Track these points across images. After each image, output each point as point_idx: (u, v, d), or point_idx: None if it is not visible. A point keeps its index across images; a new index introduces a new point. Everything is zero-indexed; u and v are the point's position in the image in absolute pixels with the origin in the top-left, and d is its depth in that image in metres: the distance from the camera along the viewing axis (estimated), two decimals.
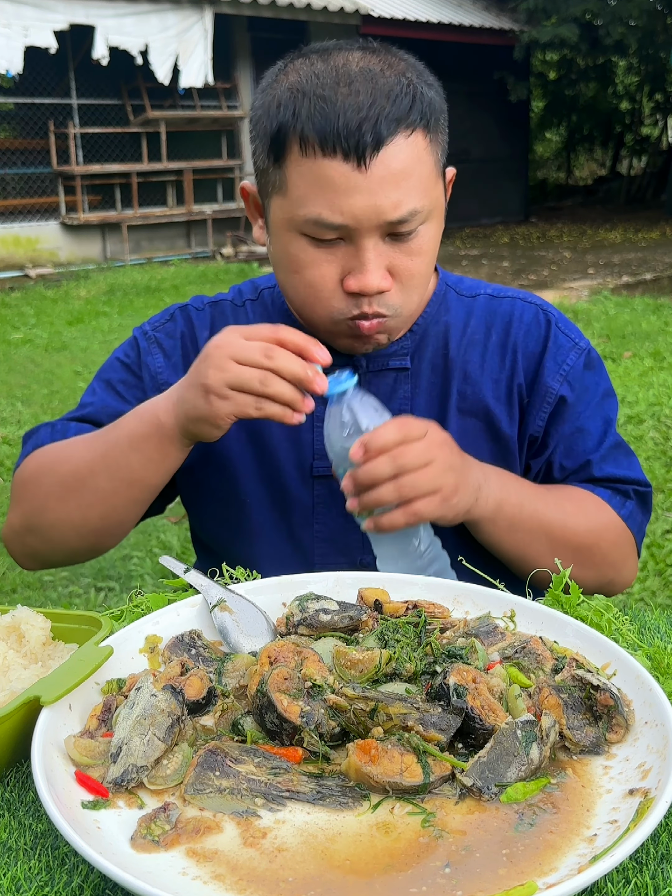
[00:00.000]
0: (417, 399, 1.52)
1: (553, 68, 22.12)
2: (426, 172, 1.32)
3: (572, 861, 0.77)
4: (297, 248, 1.34)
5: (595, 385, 1.58)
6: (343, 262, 1.33)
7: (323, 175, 1.27)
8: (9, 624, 1.08)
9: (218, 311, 1.61)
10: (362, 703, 0.90)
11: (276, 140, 1.30)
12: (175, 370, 1.56)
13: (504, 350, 1.54)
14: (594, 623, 1.13)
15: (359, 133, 1.24)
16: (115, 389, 1.59)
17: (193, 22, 13.53)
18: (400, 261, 1.34)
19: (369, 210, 1.27)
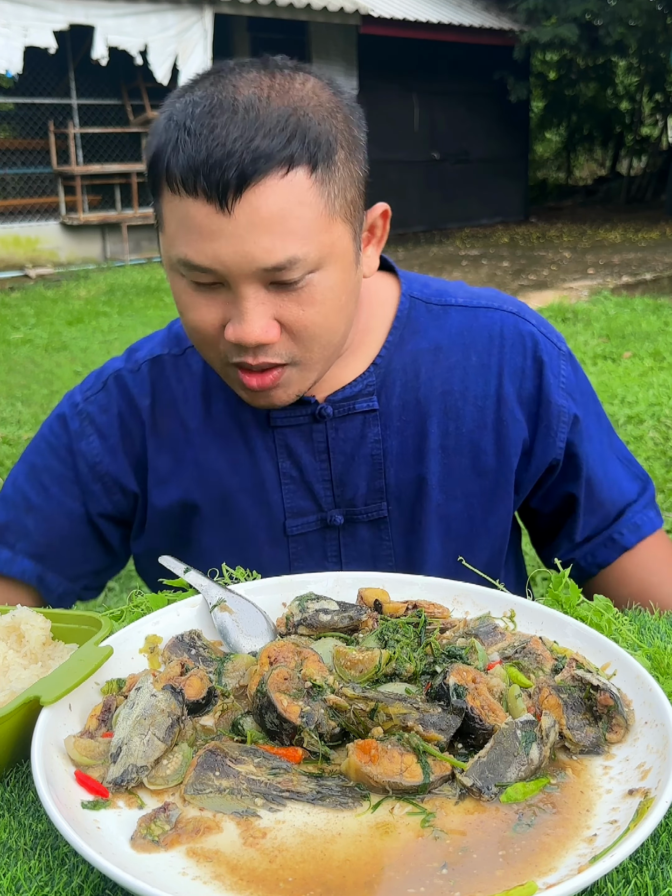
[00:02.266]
0: (389, 441, 1.40)
1: (553, 68, 22.12)
2: (311, 216, 1.15)
3: (572, 861, 0.77)
4: (180, 288, 1.23)
5: (588, 391, 1.51)
6: (224, 308, 1.20)
7: (188, 215, 1.14)
8: (9, 624, 1.08)
9: (156, 369, 1.46)
10: (362, 703, 0.90)
11: (151, 172, 1.20)
12: (113, 454, 1.43)
13: (487, 371, 1.41)
14: (594, 623, 1.13)
15: (219, 171, 1.10)
16: (40, 480, 1.45)
17: (193, 22, 13.52)
18: (289, 311, 1.19)
19: (237, 257, 1.13)
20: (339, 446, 1.40)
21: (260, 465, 1.40)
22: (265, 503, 1.41)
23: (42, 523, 1.45)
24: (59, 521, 1.45)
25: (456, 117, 17.91)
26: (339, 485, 1.41)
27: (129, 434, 1.44)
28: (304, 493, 1.41)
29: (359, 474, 1.40)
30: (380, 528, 1.42)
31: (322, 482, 1.40)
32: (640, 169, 22.48)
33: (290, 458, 1.40)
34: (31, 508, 1.45)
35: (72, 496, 1.45)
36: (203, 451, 1.41)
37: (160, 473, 1.42)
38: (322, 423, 1.39)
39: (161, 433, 1.43)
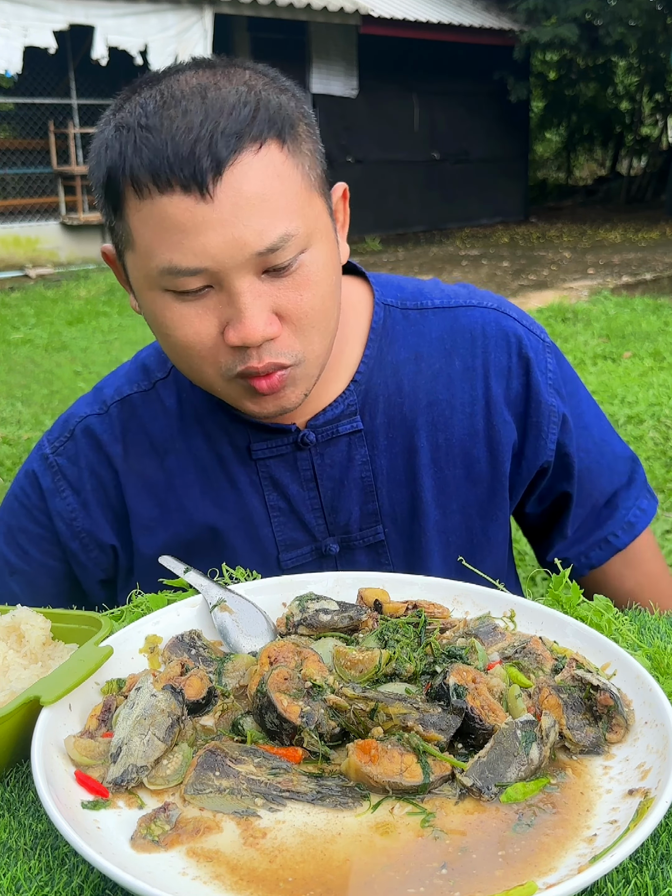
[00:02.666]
0: (378, 461, 1.35)
1: (553, 68, 22.12)
2: (292, 189, 1.11)
3: (572, 861, 0.77)
4: (161, 306, 1.15)
5: (571, 377, 1.46)
6: (218, 312, 1.13)
7: (165, 215, 1.07)
8: (9, 624, 1.08)
9: (127, 411, 1.38)
10: (362, 703, 0.90)
11: (109, 188, 1.12)
12: (87, 510, 1.38)
13: (473, 374, 1.36)
14: (594, 623, 1.13)
15: (193, 158, 1.04)
16: (17, 542, 1.41)
17: (193, 22, 13.53)
18: (286, 299, 1.14)
19: (228, 246, 1.08)
20: (326, 472, 1.34)
21: (246, 500, 1.35)
22: (256, 538, 1.36)
23: (27, 587, 1.42)
24: (42, 581, 1.43)
25: (456, 117, 17.91)
26: (332, 512, 1.36)
27: (102, 485, 1.38)
28: (295, 525, 1.36)
29: (350, 499, 1.35)
30: (378, 551, 1.38)
31: (312, 511, 1.35)
32: (640, 169, 22.49)
33: (276, 490, 1.34)
34: (14, 572, 1.42)
35: (52, 556, 1.41)
36: (186, 493, 1.36)
37: (143, 520, 1.37)
38: (306, 451, 1.33)
39: (139, 478, 1.37)
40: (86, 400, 1.45)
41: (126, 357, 7.73)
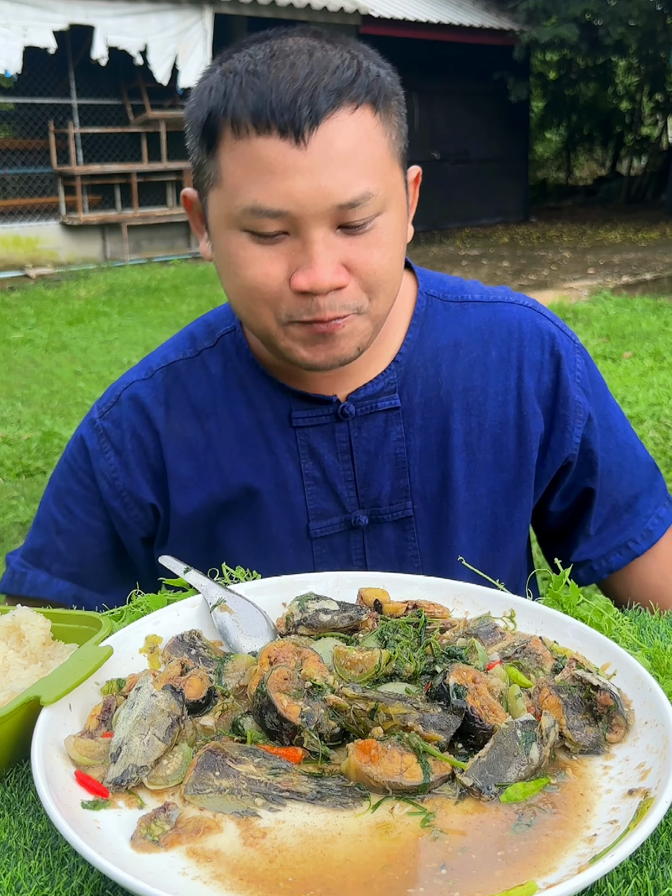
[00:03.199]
0: (413, 439, 1.39)
1: (553, 68, 22.12)
2: (378, 154, 1.18)
3: (572, 861, 0.77)
4: (237, 245, 1.19)
5: (599, 381, 1.50)
6: (289, 258, 1.18)
7: (258, 156, 1.13)
8: (9, 624, 1.08)
9: (171, 376, 1.43)
10: (362, 703, 0.90)
11: (207, 127, 1.18)
12: (127, 470, 1.42)
13: (507, 365, 1.41)
14: (594, 623, 1.13)
15: (294, 106, 1.11)
16: (65, 503, 1.47)
17: (193, 22, 13.53)
18: (357, 254, 1.19)
19: (313, 193, 1.13)
20: (362, 445, 1.38)
21: (282, 467, 1.39)
22: (288, 505, 1.39)
23: (72, 545, 1.47)
24: (86, 541, 1.47)
25: (456, 117, 17.91)
26: (363, 484, 1.39)
27: (143, 446, 1.42)
28: (327, 495, 1.39)
29: (383, 473, 1.39)
30: (405, 528, 1.41)
31: (345, 482, 1.39)
32: (640, 169, 22.49)
33: (312, 459, 1.38)
34: (60, 531, 1.47)
35: (95, 516, 1.46)
36: (224, 455, 1.40)
37: (182, 480, 1.41)
38: (344, 423, 1.38)
39: (180, 440, 1.41)
40: (132, 370, 1.50)
41: (126, 357, 7.67)
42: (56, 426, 6.17)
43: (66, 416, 6.46)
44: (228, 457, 1.40)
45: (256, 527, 1.40)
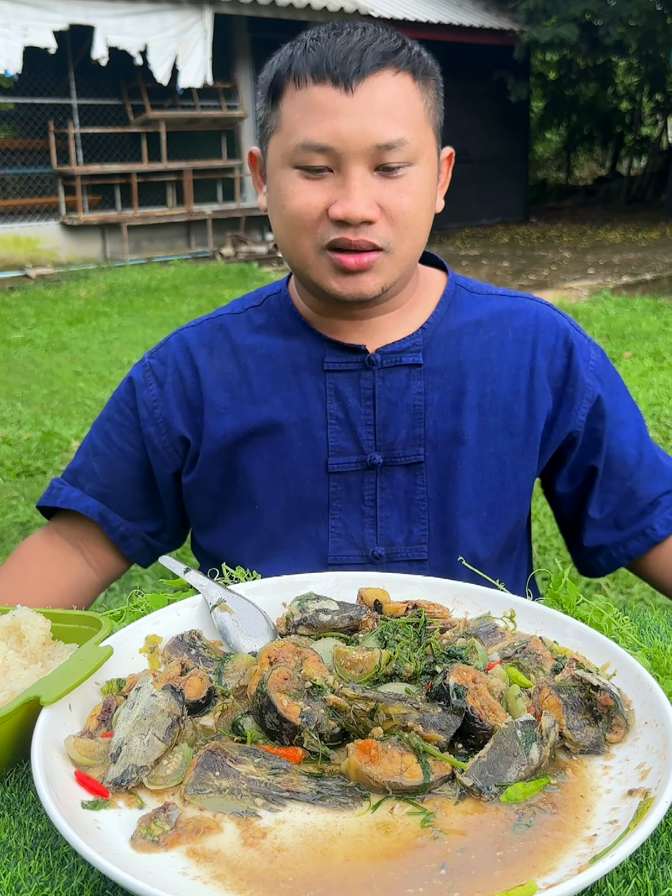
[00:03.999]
0: (431, 395, 1.52)
1: (553, 68, 22.11)
2: (414, 112, 1.37)
3: (572, 861, 0.77)
4: (287, 180, 1.38)
5: (618, 382, 1.61)
6: (330, 192, 1.36)
7: (313, 101, 1.34)
8: (9, 624, 1.08)
9: (217, 324, 1.62)
10: (362, 703, 0.90)
11: (273, 83, 1.39)
12: (166, 400, 1.57)
13: (522, 343, 1.55)
14: (594, 623, 1.13)
15: (346, 62, 1.33)
16: (105, 430, 1.63)
17: (193, 22, 13.52)
18: (389, 196, 1.36)
19: (356, 132, 1.32)
20: (384, 394, 1.51)
21: (310, 405, 1.52)
22: (311, 439, 1.51)
23: (106, 466, 1.62)
24: (119, 465, 1.61)
25: (456, 117, 17.87)
26: (382, 429, 1.51)
27: (182, 380, 1.57)
28: (347, 434, 1.51)
29: (400, 421, 1.51)
30: (415, 472, 1.52)
31: (365, 426, 1.51)
32: (640, 169, 22.49)
33: (337, 401, 1.51)
34: (97, 454, 1.62)
35: (130, 443, 1.60)
36: (259, 388, 1.54)
37: (217, 407, 1.55)
38: (371, 371, 1.51)
39: (218, 373, 1.56)
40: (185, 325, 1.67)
41: (126, 357, 7.64)
42: (56, 426, 6.17)
43: (66, 416, 6.46)
44: (262, 390, 1.54)
45: (280, 457, 1.52)
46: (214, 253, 14.66)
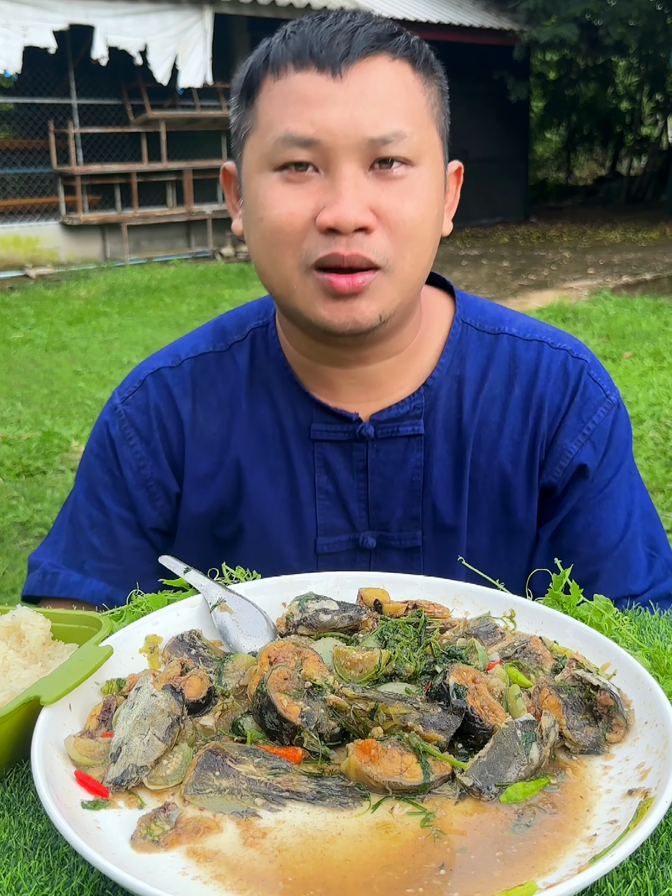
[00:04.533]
0: (431, 469, 1.35)
1: (553, 68, 22.12)
2: (415, 105, 1.17)
3: (572, 861, 0.77)
4: (266, 187, 1.17)
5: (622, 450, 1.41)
6: (317, 196, 1.15)
7: (294, 90, 1.14)
8: (9, 624, 1.08)
9: (199, 367, 1.40)
10: (362, 703, 0.90)
11: (248, 81, 1.20)
12: (155, 458, 1.38)
13: (528, 405, 1.36)
14: (594, 623, 1.13)
15: (333, 43, 1.13)
16: (96, 495, 1.42)
17: (193, 22, 13.52)
18: (387, 200, 1.15)
19: (345, 123, 1.12)
20: (378, 468, 1.35)
21: (297, 477, 1.37)
22: (298, 517, 1.37)
23: (106, 537, 1.42)
24: (119, 532, 1.42)
25: (456, 117, 17.77)
26: (375, 507, 1.37)
27: (167, 435, 1.39)
28: (338, 511, 1.37)
29: (396, 499, 1.36)
30: (412, 557, 1.39)
31: (358, 501, 1.37)
32: (640, 169, 22.49)
33: (327, 473, 1.36)
34: (94, 525, 1.42)
35: (124, 506, 1.42)
36: (245, 455, 1.38)
37: (199, 476, 1.38)
38: (363, 443, 1.35)
39: (203, 435, 1.39)
40: (158, 355, 1.45)
41: (126, 357, 7.67)
42: (56, 426, 6.17)
43: (66, 416, 6.46)
44: (248, 458, 1.37)
45: (265, 535, 1.39)
46: (214, 253, 14.66)
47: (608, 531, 1.39)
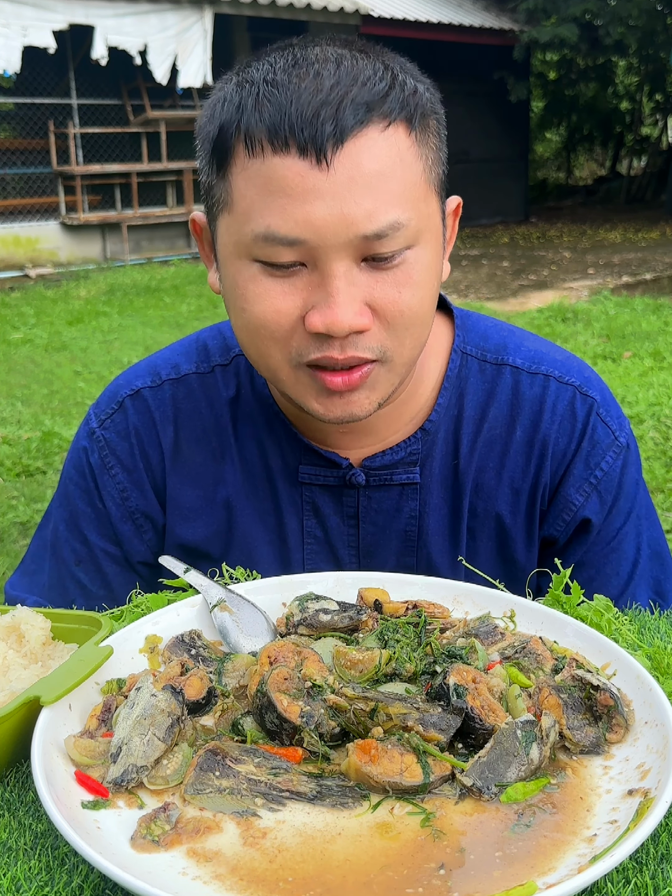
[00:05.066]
0: (427, 518, 1.27)
1: (553, 68, 22.11)
2: (411, 179, 1.04)
3: (572, 861, 0.77)
4: (246, 277, 1.06)
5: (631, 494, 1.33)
6: (305, 294, 1.05)
7: (274, 177, 1.00)
8: (9, 624, 1.08)
9: (182, 391, 1.30)
10: (362, 703, 0.90)
11: (218, 144, 1.05)
12: (140, 489, 1.30)
13: (530, 450, 1.27)
14: (594, 623, 1.13)
15: (317, 121, 0.97)
16: (79, 528, 1.33)
17: (193, 22, 13.52)
18: (383, 292, 1.05)
19: (334, 220, 1.00)
20: (370, 516, 1.29)
21: (285, 520, 1.30)
22: (286, 561, 1.31)
23: (95, 574, 1.35)
24: (107, 568, 1.35)
25: (456, 117, 17.88)
26: (367, 555, 1.31)
27: (150, 464, 1.31)
28: (326, 556, 1.31)
29: (388, 548, 1.30)
30: None
31: (347, 548, 1.31)
32: (640, 169, 22.50)
33: (315, 517, 1.29)
34: (80, 561, 1.35)
35: (109, 539, 1.35)
36: (235, 492, 1.30)
37: (184, 509, 1.31)
38: (354, 489, 1.28)
39: (186, 465, 1.31)
40: (136, 372, 1.35)
41: (126, 357, 7.66)
42: (56, 426, 6.17)
43: (66, 416, 6.46)
44: (239, 495, 1.31)
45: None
46: None
47: (610, 584, 1.34)
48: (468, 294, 10.97)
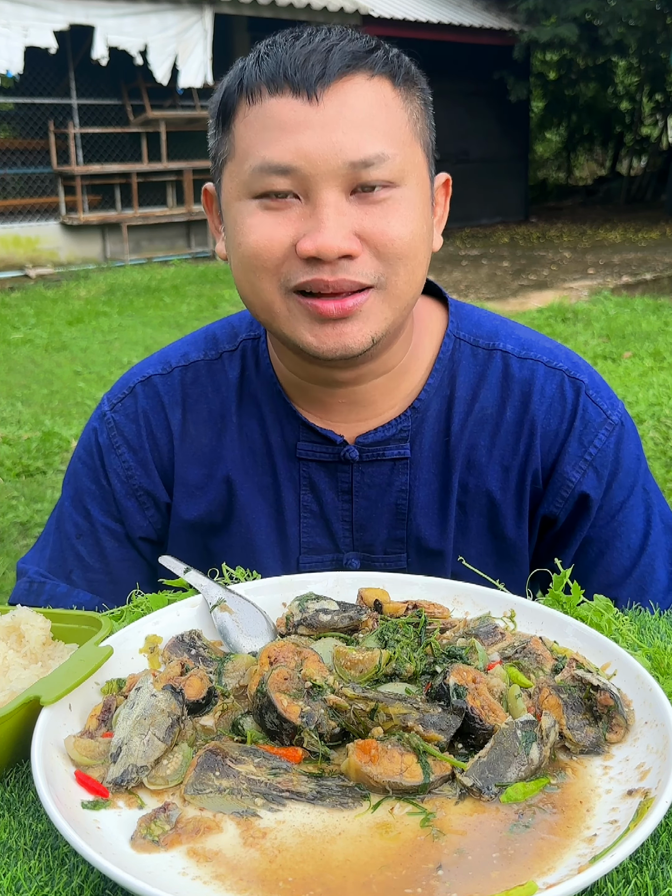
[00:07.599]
0: (417, 492, 1.32)
1: (553, 68, 22.12)
2: (397, 123, 1.13)
3: (572, 861, 0.77)
4: (245, 214, 1.15)
5: (632, 470, 1.36)
6: (298, 224, 1.12)
7: (270, 116, 1.11)
8: (9, 624, 1.08)
9: (190, 376, 1.38)
10: (362, 703, 0.90)
11: (224, 105, 1.17)
12: (145, 468, 1.37)
13: (520, 429, 1.32)
14: (594, 623, 1.13)
15: (307, 65, 1.10)
16: (83, 504, 1.40)
17: (193, 22, 13.52)
18: (371, 223, 1.12)
19: (324, 148, 1.09)
20: (363, 490, 1.34)
21: (283, 494, 1.36)
22: (283, 534, 1.36)
23: (93, 547, 1.41)
24: (106, 543, 1.41)
25: (456, 117, 17.91)
26: (360, 528, 1.35)
27: (157, 445, 1.38)
28: (321, 530, 1.36)
29: (380, 521, 1.35)
30: None
31: (341, 521, 1.35)
32: (640, 169, 22.50)
33: (312, 492, 1.35)
34: (80, 534, 1.41)
35: (112, 517, 1.40)
36: (235, 470, 1.36)
37: (189, 486, 1.37)
38: (348, 464, 1.34)
39: (193, 446, 1.37)
40: (148, 362, 1.43)
41: (126, 357, 7.67)
42: (56, 426, 6.17)
43: (66, 416, 6.46)
44: (238, 472, 1.36)
45: (252, 551, 1.37)
46: (214, 253, 14.66)
47: (622, 559, 1.36)
48: (468, 294, 10.98)
